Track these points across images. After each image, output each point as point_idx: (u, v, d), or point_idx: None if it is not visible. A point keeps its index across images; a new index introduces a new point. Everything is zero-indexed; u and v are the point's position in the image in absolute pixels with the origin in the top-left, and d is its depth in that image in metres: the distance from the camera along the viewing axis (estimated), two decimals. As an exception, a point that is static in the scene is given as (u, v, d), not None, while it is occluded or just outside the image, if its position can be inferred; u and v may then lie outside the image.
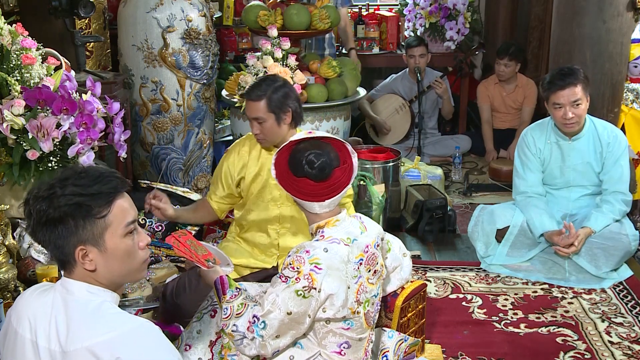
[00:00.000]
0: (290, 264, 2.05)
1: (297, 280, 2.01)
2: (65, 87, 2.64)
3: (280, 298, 2.02)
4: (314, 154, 2.09)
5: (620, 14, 3.74)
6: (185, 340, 2.25)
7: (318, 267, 2.03)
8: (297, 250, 2.08)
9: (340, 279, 2.07)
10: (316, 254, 2.05)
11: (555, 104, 3.33)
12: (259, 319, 2.03)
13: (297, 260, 2.04)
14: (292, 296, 2.01)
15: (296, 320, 2.03)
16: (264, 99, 2.74)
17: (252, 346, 2.05)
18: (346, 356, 2.15)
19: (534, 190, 3.54)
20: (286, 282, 2.03)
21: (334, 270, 2.06)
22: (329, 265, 2.05)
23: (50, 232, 1.55)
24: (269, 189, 2.86)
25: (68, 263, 1.58)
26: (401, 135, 5.39)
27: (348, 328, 2.13)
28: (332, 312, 2.07)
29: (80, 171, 1.60)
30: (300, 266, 2.03)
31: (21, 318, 1.58)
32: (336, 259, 2.07)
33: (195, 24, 3.92)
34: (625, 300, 3.24)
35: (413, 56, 5.21)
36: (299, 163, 2.10)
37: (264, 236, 2.90)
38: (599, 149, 3.44)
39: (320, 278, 2.02)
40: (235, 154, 2.91)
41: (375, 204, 3.76)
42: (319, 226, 2.17)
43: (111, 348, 1.47)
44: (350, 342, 2.15)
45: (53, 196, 1.53)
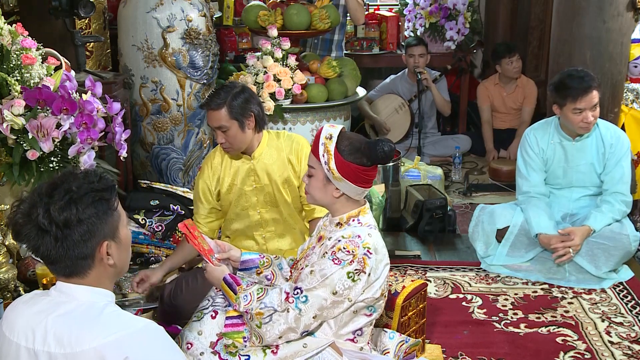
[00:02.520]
0: (344, 248, 2.09)
1: (351, 263, 2.07)
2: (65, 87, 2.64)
3: (330, 277, 2.06)
4: (385, 142, 2.13)
5: (620, 14, 3.74)
6: (186, 338, 2.25)
7: (369, 252, 2.10)
8: (348, 236, 2.11)
9: (382, 262, 2.15)
10: (366, 239, 2.11)
11: (577, 109, 3.30)
12: (302, 292, 2.09)
13: (351, 244, 2.09)
14: (342, 277, 2.07)
15: (336, 302, 2.09)
16: (224, 106, 2.70)
17: (281, 321, 2.08)
18: (358, 343, 2.22)
19: (536, 190, 3.54)
20: (340, 264, 2.07)
21: (380, 255, 2.14)
22: (376, 249, 2.13)
23: (66, 239, 1.53)
24: (245, 197, 2.86)
25: (83, 267, 1.58)
26: (401, 135, 5.39)
27: (370, 314, 2.20)
28: (370, 293, 2.13)
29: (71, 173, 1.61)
30: (356, 249, 2.08)
31: (14, 327, 1.58)
32: (379, 243, 2.16)
33: (195, 24, 3.92)
34: (625, 300, 3.24)
35: (413, 55, 5.21)
36: (376, 152, 2.12)
37: (252, 243, 2.91)
38: (601, 150, 3.44)
39: (371, 262, 2.10)
40: (209, 169, 2.89)
41: (375, 204, 3.76)
42: (350, 215, 2.20)
43: (119, 348, 1.48)
44: (364, 329, 2.22)
45: (71, 200, 1.52)
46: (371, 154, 2.13)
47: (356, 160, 2.12)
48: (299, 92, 3.94)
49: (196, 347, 2.22)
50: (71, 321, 1.53)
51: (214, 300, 2.34)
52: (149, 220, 3.51)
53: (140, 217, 3.52)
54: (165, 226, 3.51)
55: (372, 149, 2.12)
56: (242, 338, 2.21)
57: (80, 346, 1.48)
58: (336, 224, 2.21)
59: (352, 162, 2.12)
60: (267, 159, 2.84)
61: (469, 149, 5.47)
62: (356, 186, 2.15)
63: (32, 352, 1.53)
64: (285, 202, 2.87)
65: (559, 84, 3.36)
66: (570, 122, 3.37)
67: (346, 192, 2.17)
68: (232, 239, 2.94)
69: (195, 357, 2.19)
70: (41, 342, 1.52)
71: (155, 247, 3.53)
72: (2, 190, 2.74)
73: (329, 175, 2.14)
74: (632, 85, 4.06)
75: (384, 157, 2.13)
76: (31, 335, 1.54)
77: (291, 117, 4.06)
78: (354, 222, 2.18)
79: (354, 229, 2.15)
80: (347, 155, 2.13)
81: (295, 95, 3.97)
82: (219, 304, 2.31)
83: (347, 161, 2.12)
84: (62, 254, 1.54)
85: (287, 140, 2.88)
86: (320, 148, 2.15)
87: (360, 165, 2.13)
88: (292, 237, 2.93)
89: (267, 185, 2.84)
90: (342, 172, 2.12)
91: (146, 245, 3.52)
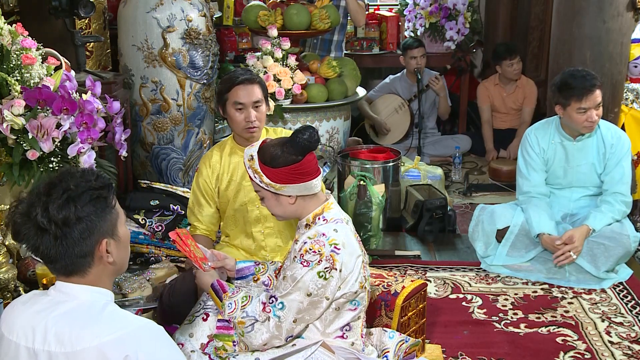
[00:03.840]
0: (310, 249, 2.08)
1: (319, 263, 2.06)
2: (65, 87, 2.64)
3: (301, 281, 2.06)
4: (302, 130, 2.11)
5: (620, 14, 3.74)
6: (177, 340, 2.27)
7: (337, 248, 2.08)
8: (312, 236, 2.10)
9: (353, 255, 2.14)
10: (332, 236, 2.10)
11: (581, 109, 3.30)
12: (277, 299, 2.08)
13: (317, 244, 2.08)
14: (314, 278, 2.06)
15: (314, 303, 2.08)
16: (257, 82, 2.75)
17: (263, 330, 2.08)
18: (348, 339, 2.21)
19: (537, 190, 3.53)
20: (308, 266, 2.06)
21: (349, 248, 2.12)
22: (344, 243, 2.11)
23: (65, 237, 1.54)
24: (244, 192, 2.86)
25: (83, 265, 1.58)
26: (401, 135, 5.39)
27: (355, 308, 2.19)
28: (346, 288, 2.12)
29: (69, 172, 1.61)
30: (322, 249, 2.07)
31: (14, 327, 1.58)
32: (348, 236, 2.15)
33: (195, 24, 3.92)
34: (625, 300, 3.24)
35: (414, 57, 5.22)
36: (298, 144, 2.10)
37: (250, 241, 2.91)
38: (602, 150, 3.44)
39: (340, 258, 2.08)
40: (207, 168, 2.89)
41: (375, 204, 3.76)
42: (316, 214, 2.19)
43: (120, 347, 1.49)
44: (351, 323, 2.21)
45: (69, 199, 1.53)
46: (295, 148, 2.11)
47: (286, 162, 2.11)
48: (299, 92, 3.94)
49: (187, 347, 2.23)
50: (71, 320, 1.53)
51: (205, 303, 2.35)
52: (149, 220, 3.51)
53: (140, 217, 3.52)
54: (165, 226, 3.51)
55: (294, 143, 2.11)
56: (232, 342, 2.22)
57: (80, 345, 1.49)
58: (305, 226, 2.22)
59: (283, 167, 2.11)
60: None
61: (469, 149, 5.47)
62: (302, 183, 2.14)
63: (31, 351, 1.53)
64: None
65: (562, 84, 3.35)
66: (575, 122, 3.36)
67: (297, 194, 2.16)
68: (233, 237, 2.94)
69: (187, 355, 2.20)
70: (41, 341, 1.52)
71: (155, 247, 3.53)
72: (2, 190, 2.74)
73: (271, 189, 2.14)
74: (632, 85, 4.06)
75: (308, 143, 2.10)
76: (31, 335, 1.54)
77: (291, 117, 4.06)
78: (320, 220, 2.18)
79: (318, 227, 2.14)
80: (274, 163, 2.11)
81: (295, 95, 3.97)
82: (210, 307, 2.32)
83: (277, 168, 2.11)
84: (61, 253, 1.55)
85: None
86: (249, 172, 2.17)
87: (291, 165, 2.11)
88: (291, 233, 2.93)
89: None
90: (279, 180, 2.12)
91: (146, 245, 3.52)
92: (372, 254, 3.66)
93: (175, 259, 3.50)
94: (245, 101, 2.74)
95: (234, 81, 2.76)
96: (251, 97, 2.73)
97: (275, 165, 2.11)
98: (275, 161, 2.11)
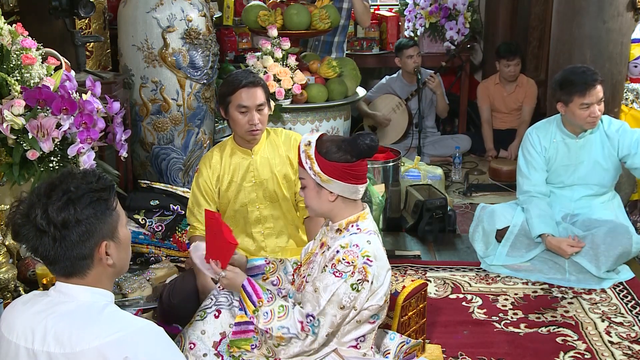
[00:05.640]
0: (343, 259, 2.07)
1: (353, 275, 2.05)
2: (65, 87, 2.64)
3: (335, 294, 2.05)
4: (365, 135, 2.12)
5: (620, 14, 3.74)
6: (189, 337, 2.24)
7: (369, 260, 2.08)
8: (345, 245, 2.09)
9: (384, 268, 2.14)
10: (365, 247, 2.09)
11: (584, 104, 3.30)
12: (314, 317, 2.07)
13: (350, 255, 2.07)
14: (347, 291, 2.05)
15: (345, 316, 2.09)
16: (260, 85, 2.75)
17: (298, 344, 2.08)
18: (361, 349, 2.21)
19: (537, 189, 3.53)
20: (342, 277, 2.05)
21: (380, 261, 2.12)
22: (376, 256, 2.10)
23: (64, 240, 1.53)
24: (245, 193, 2.86)
25: (82, 267, 1.58)
26: (399, 134, 5.40)
27: (374, 322, 2.19)
28: (374, 301, 2.12)
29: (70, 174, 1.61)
30: (355, 260, 2.06)
31: (13, 328, 1.58)
32: (379, 250, 2.14)
33: (195, 24, 3.92)
34: (625, 300, 3.24)
35: (411, 56, 5.24)
36: (357, 146, 2.11)
37: (250, 241, 2.91)
38: (607, 143, 3.44)
39: (373, 270, 2.08)
40: (207, 169, 2.88)
41: (375, 204, 3.76)
42: (350, 221, 2.18)
43: (119, 348, 1.48)
44: (367, 335, 2.20)
45: (69, 201, 1.53)
46: (353, 148, 2.12)
47: (340, 158, 2.11)
48: (299, 92, 3.94)
49: (199, 348, 2.21)
50: (71, 321, 1.53)
51: (217, 299, 2.33)
52: (149, 220, 3.51)
53: (140, 217, 3.52)
54: (165, 226, 3.51)
55: (354, 143, 2.12)
56: (250, 345, 2.20)
57: (80, 346, 1.48)
58: (336, 230, 2.20)
59: (336, 161, 2.11)
60: (266, 154, 2.86)
61: (469, 149, 5.47)
62: (347, 184, 2.13)
63: (31, 352, 1.53)
64: (285, 198, 2.88)
65: (563, 81, 3.36)
66: (578, 118, 3.36)
67: (340, 193, 2.15)
68: None
69: (198, 358, 2.19)
70: (41, 342, 1.52)
71: (155, 247, 3.53)
72: (2, 190, 2.74)
73: (317, 179, 2.13)
74: (632, 85, 4.06)
75: (367, 149, 2.11)
76: (30, 336, 1.54)
77: (291, 117, 4.06)
78: (353, 228, 2.17)
79: (351, 237, 2.13)
80: (329, 155, 2.12)
81: (295, 95, 3.97)
82: (222, 303, 2.30)
83: (331, 161, 2.11)
84: (60, 255, 1.55)
85: (285, 138, 2.91)
86: (302, 156, 2.16)
87: (345, 162, 2.11)
88: (291, 233, 2.93)
89: (266, 181, 2.85)
90: (329, 173, 2.12)
91: (146, 245, 3.52)
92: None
93: (175, 259, 3.50)
94: (249, 104, 2.74)
95: (238, 84, 2.75)
96: (255, 101, 2.73)
97: (330, 158, 2.12)
98: (330, 154, 2.12)
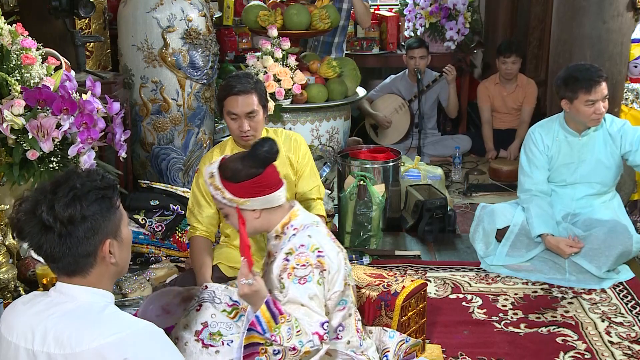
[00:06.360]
0: (297, 264, 2.07)
1: (314, 273, 2.06)
2: (65, 87, 2.64)
3: (314, 298, 2.06)
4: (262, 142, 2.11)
5: (620, 14, 3.74)
6: (174, 335, 2.25)
7: (320, 251, 2.09)
8: (291, 251, 2.10)
9: (333, 251, 2.14)
10: (309, 242, 2.10)
11: (589, 101, 3.30)
12: (324, 322, 2.07)
13: (301, 257, 2.07)
14: (318, 289, 2.07)
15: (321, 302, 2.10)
16: (255, 91, 2.72)
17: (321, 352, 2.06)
18: (343, 339, 2.22)
19: (538, 188, 3.53)
20: (308, 280, 2.06)
21: (328, 248, 2.13)
22: (322, 244, 2.11)
23: (70, 236, 1.53)
24: None
25: (85, 265, 1.58)
26: (401, 135, 5.39)
27: (343, 307, 2.20)
28: (335, 288, 2.13)
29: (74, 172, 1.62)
30: (308, 259, 2.07)
31: (14, 328, 1.58)
32: (323, 237, 2.15)
33: (195, 24, 3.92)
34: (625, 300, 3.24)
35: (413, 57, 5.22)
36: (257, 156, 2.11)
37: (250, 241, 2.89)
38: (609, 141, 3.44)
39: (326, 260, 2.09)
40: None
41: (375, 204, 3.76)
42: (284, 224, 2.19)
43: (119, 349, 1.48)
44: (344, 323, 2.21)
45: (75, 197, 1.53)
46: (255, 160, 2.11)
47: (247, 175, 2.11)
48: (299, 92, 3.94)
49: (181, 338, 2.22)
50: (71, 321, 1.52)
51: (199, 298, 2.33)
52: (149, 220, 3.51)
53: (140, 217, 3.52)
54: (165, 226, 3.51)
55: (254, 155, 2.11)
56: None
57: (80, 346, 1.48)
58: (275, 238, 2.21)
59: (245, 180, 2.10)
60: None
61: (469, 149, 5.46)
62: (264, 196, 2.13)
63: (31, 352, 1.53)
64: None
65: (568, 78, 3.35)
66: (582, 115, 3.36)
67: (261, 207, 2.15)
68: (232, 237, 2.94)
69: (181, 349, 2.19)
70: (40, 343, 1.52)
71: (155, 247, 3.54)
72: (2, 190, 2.75)
73: (234, 205, 2.12)
74: (632, 85, 4.06)
75: (267, 155, 2.11)
76: (30, 336, 1.54)
77: (291, 117, 4.06)
78: (290, 230, 2.17)
79: (292, 240, 2.12)
80: (235, 178, 2.11)
81: (295, 95, 3.97)
82: (204, 299, 2.30)
83: (239, 182, 2.10)
84: (65, 251, 1.54)
85: (285, 138, 2.91)
86: (211, 190, 2.16)
87: (253, 177, 2.11)
88: None
89: None
90: (242, 195, 2.11)
91: (146, 245, 3.53)
92: (372, 254, 3.67)
93: (175, 259, 3.50)
94: (239, 112, 2.72)
95: (228, 91, 2.74)
96: (244, 109, 2.71)
97: (237, 179, 2.10)
98: (236, 175, 2.10)
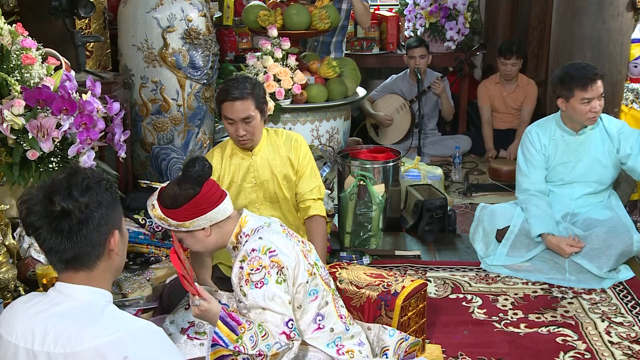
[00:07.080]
0: (252, 270, 2.06)
1: (270, 274, 2.06)
2: (65, 87, 2.64)
3: (276, 296, 2.05)
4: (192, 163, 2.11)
5: (620, 14, 3.75)
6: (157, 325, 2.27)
7: (272, 251, 2.09)
8: (244, 259, 2.09)
9: (288, 246, 2.15)
10: (260, 245, 2.09)
11: (585, 99, 3.30)
12: (289, 320, 2.07)
13: (254, 261, 2.07)
14: (278, 288, 2.06)
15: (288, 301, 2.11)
16: (251, 96, 2.72)
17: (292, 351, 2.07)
18: (325, 327, 2.23)
19: (536, 187, 3.53)
20: (265, 283, 2.05)
21: (282, 245, 2.12)
22: (274, 243, 2.11)
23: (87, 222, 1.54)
24: (245, 193, 2.86)
25: (94, 256, 1.59)
26: (401, 135, 5.39)
27: (316, 297, 2.21)
28: (298, 281, 2.14)
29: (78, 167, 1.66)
30: (261, 262, 2.07)
31: (13, 328, 1.58)
32: (274, 236, 2.14)
33: (195, 24, 3.92)
34: (625, 300, 3.24)
35: (413, 57, 5.22)
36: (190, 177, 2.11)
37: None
38: (607, 141, 3.44)
39: (281, 257, 2.09)
40: None
41: (375, 204, 3.76)
42: (236, 233, 2.20)
43: (119, 348, 1.48)
44: (321, 311, 2.22)
45: (90, 185, 1.56)
46: (190, 181, 2.11)
47: (185, 199, 2.11)
48: (299, 92, 3.94)
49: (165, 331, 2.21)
50: (71, 321, 1.53)
51: (187, 300, 2.35)
52: (149, 220, 3.51)
53: (140, 217, 3.52)
54: (165, 226, 3.51)
55: (187, 177, 2.11)
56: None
57: (79, 346, 1.48)
58: (233, 249, 2.22)
59: (185, 203, 2.11)
60: (267, 155, 2.86)
61: (469, 149, 5.46)
62: (209, 212, 2.14)
63: (30, 352, 1.53)
64: (285, 198, 2.88)
65: (564, 76, 3.36)
66: (578, 114, 3.36)
67: (210, 224, 2.16)
68: None
69: None
70: (40, 343, 1.52)
71: (155, 247, 3.54)
72: (2, 190, 2.75)
73: (183, 229, 2.14)
74: (632, 85, 4.06)
75: (201, 173, 2.11)
76: (30, 336, 1.54)
77: (291, 117, 4.06)
78: (243, 238, 2.18)
79: (244, 247, 2.12)
80: (175, 204, 2.12)
81: (295, 95, 3.97)
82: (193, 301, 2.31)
83: (180, 207, 2.11)
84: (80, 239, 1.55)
85: (286, 138, 2.92)
86: (155, 221, 2.18)
87: (192, 198, 2.11)
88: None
89: (266, 181, 2.85)
90: (187, 217, 2.12)
91: (146, 245, 3.52)
92: (372, 254, 3.67)
93: (175, 259, 3.50)
94: (234, 117, 2.74)
95: (225, 96, 2.75)
96: (239, 114, 2.72)
97: (177, 205, 2.11)
98: (175, 202, 2.12)
